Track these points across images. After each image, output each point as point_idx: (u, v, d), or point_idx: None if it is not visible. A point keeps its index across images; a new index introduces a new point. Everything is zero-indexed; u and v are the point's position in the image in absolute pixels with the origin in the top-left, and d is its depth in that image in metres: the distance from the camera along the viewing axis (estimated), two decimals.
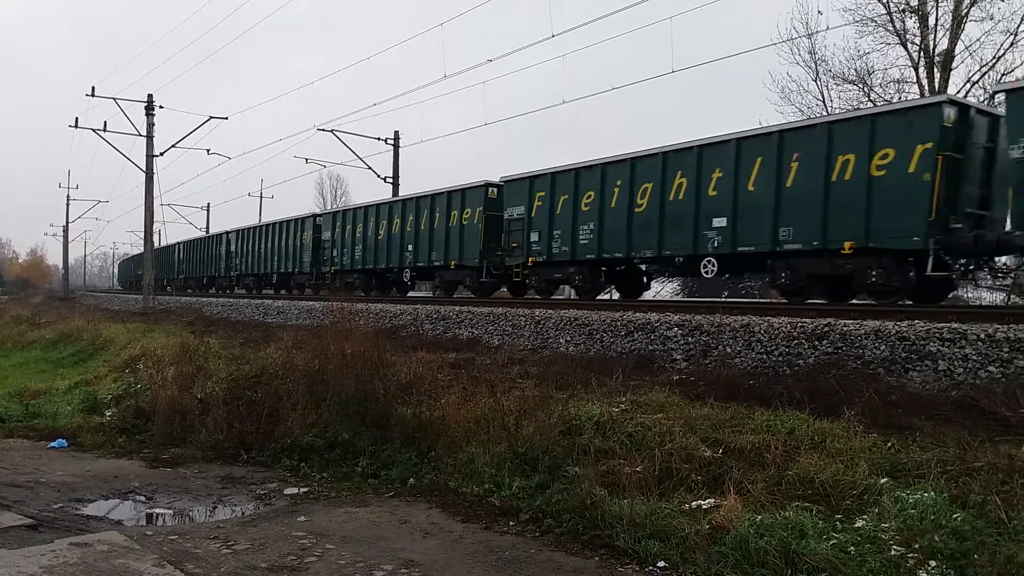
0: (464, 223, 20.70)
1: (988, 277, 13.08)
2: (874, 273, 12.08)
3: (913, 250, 11.60)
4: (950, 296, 14.31)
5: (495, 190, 20.07)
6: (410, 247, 22.87)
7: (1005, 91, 11.24)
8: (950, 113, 11.39)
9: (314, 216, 30.64)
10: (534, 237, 18.29)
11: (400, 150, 33.42)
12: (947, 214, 11.36)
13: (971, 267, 12.19)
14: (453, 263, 20.96)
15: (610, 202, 16.31)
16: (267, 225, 34.74)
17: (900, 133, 11.72)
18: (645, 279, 17.98)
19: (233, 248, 37.91)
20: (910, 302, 12.37)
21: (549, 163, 18.60)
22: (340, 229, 27.05)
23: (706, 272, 14.68)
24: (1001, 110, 11.55)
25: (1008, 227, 11.08)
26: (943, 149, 11.25)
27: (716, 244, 14.12)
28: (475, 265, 20.25)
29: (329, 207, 58.97)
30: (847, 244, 12.19)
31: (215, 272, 40.83)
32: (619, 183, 16.12)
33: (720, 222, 14.00)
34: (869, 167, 11.96)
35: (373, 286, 25.56)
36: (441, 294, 22.29)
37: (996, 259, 12.26)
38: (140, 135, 30.48)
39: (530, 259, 18.35)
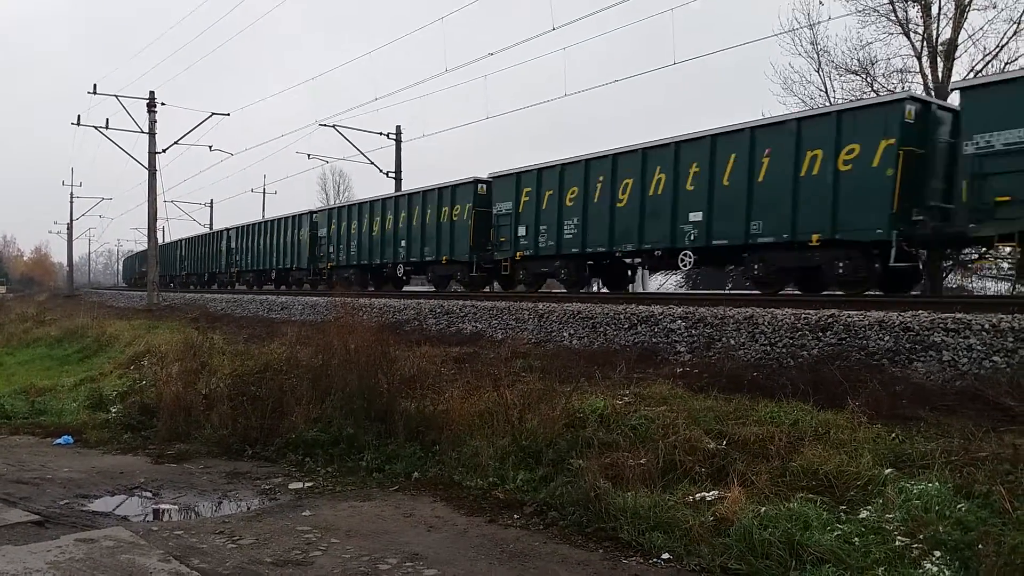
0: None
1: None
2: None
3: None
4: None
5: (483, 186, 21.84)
6: (403, 243, 24.07)
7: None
8: (481, 187, 20.48)
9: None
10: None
11: (402, 144, 33.40)
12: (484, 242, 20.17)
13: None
14: (445, 258, 22.10)
15: (366, 226, 25.33)
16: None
17: (462, 198, 20.93)
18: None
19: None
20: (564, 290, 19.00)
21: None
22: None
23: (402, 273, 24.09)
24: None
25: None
26: (477, 207, 20.33)
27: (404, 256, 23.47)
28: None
29: (332, 202, 59.00)
30: (445, 259, 21.49)
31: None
32: (375, 214, 25.07)
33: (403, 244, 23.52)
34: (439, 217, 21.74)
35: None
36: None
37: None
38: (142, 132, 30.44)
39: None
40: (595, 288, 22.07)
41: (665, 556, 4.93)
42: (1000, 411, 6.16)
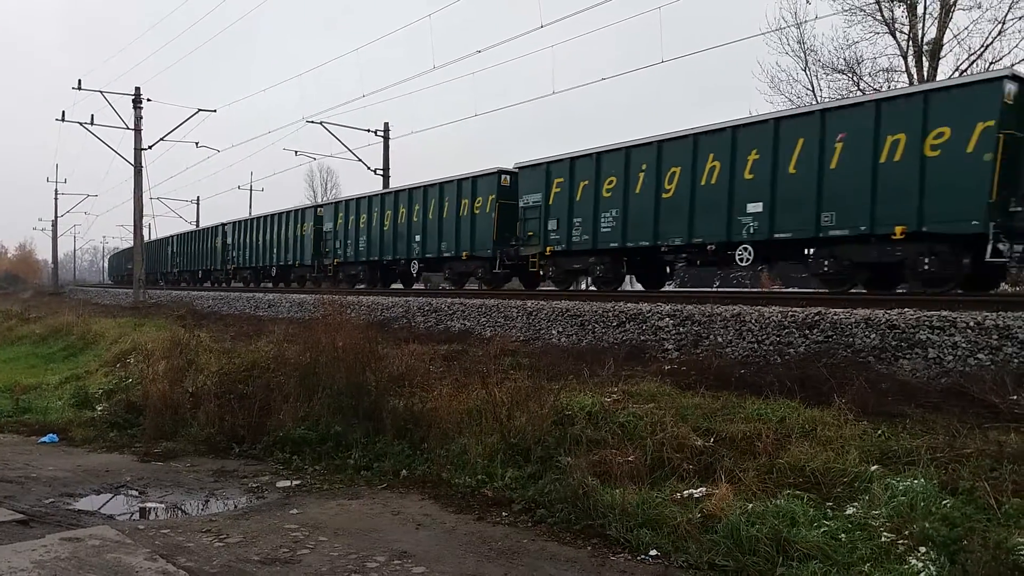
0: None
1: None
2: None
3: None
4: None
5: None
6: (417, 238, 22.80)
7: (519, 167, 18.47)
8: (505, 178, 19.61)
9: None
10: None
11: (390, 142, 33.35)
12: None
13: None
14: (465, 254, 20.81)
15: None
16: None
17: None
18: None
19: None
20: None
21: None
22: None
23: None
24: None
25: None
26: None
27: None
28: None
29: (319, 199, 58.84)
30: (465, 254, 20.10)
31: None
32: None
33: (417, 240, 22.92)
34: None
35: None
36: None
37: None
38: (128, 128, 30.29)
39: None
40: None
41: (653, 553, 4.94)
42: (985, 408, 6.21)
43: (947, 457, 5.26)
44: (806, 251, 13.78)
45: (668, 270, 18.26)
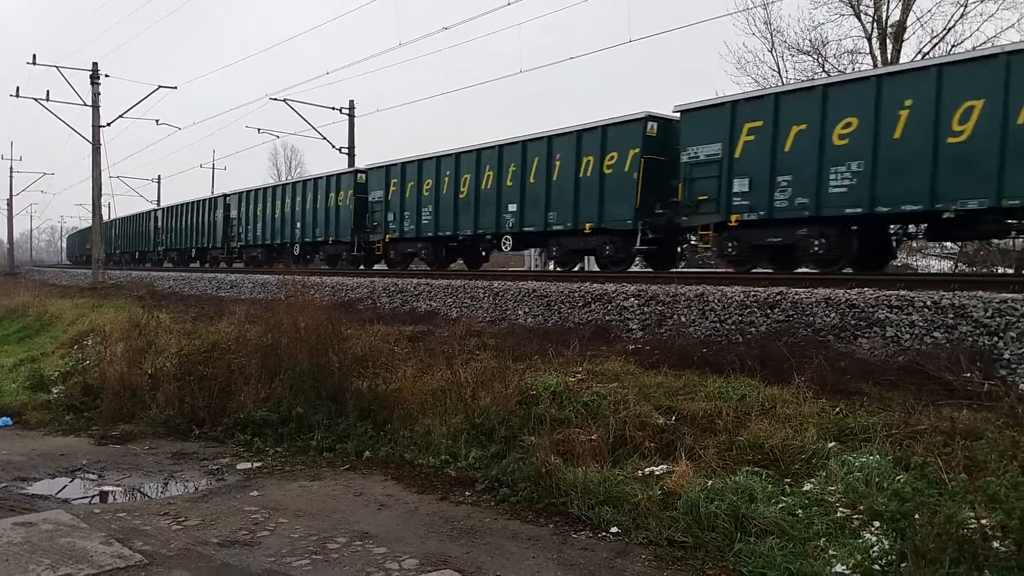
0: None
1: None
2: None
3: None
4: None
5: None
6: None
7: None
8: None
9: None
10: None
11: (356, 120, 32.92)
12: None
13: None
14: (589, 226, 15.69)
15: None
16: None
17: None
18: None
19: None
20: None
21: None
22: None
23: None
24: None
25: None
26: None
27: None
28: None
29: (283, 178, 58.04)
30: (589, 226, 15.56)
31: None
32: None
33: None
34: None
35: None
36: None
37: None
38: (85, 105, 29.47)
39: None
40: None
41: (614, 530, 4.98)
42: (939, 385, 6.34)
43: (902, 434, 5.36)
44: None
45: (896, 245, 13.52)
